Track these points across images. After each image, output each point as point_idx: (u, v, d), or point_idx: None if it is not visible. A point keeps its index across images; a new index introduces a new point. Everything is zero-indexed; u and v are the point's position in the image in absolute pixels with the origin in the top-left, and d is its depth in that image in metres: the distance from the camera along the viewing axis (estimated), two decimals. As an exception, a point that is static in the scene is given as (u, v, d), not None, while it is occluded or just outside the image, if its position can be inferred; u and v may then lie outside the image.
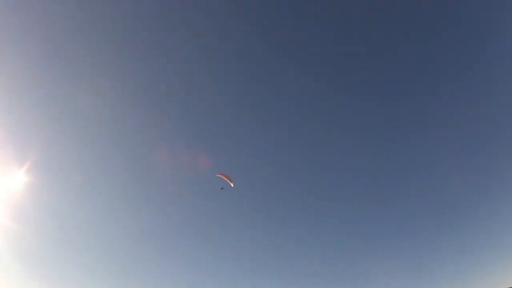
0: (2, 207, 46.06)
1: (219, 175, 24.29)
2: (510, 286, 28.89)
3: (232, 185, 24.07)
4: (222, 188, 24.51)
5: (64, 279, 56.40)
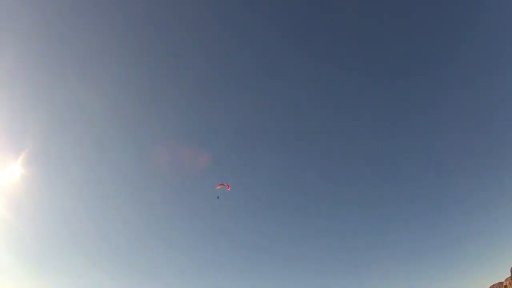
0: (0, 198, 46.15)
1: (218, 186, 25.08)
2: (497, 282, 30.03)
3: (229, 188, 24.86)
4: (218, 197, 25.24)
5: (61, 270, 56.84)
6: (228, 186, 24.86)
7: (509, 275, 50.81)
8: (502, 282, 52.65)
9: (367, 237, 79.90)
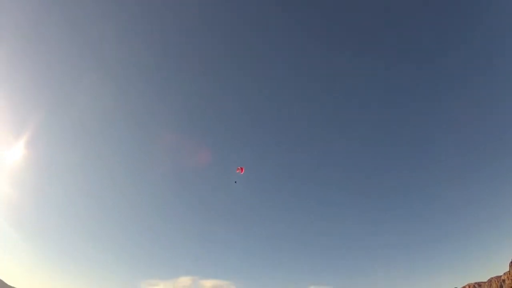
0: (2, 174, 48.44)
1: (237, 171, 27.01)
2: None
3: (242, 172, 27.18)
4: (236, 182, 27.62)
5: (62, 248, 59.78)
6: (242, 170, 26.98)
7: (508, 269, 49.71)
8: (501, 276, 51.75)
9: (371, 229, 79.80)
